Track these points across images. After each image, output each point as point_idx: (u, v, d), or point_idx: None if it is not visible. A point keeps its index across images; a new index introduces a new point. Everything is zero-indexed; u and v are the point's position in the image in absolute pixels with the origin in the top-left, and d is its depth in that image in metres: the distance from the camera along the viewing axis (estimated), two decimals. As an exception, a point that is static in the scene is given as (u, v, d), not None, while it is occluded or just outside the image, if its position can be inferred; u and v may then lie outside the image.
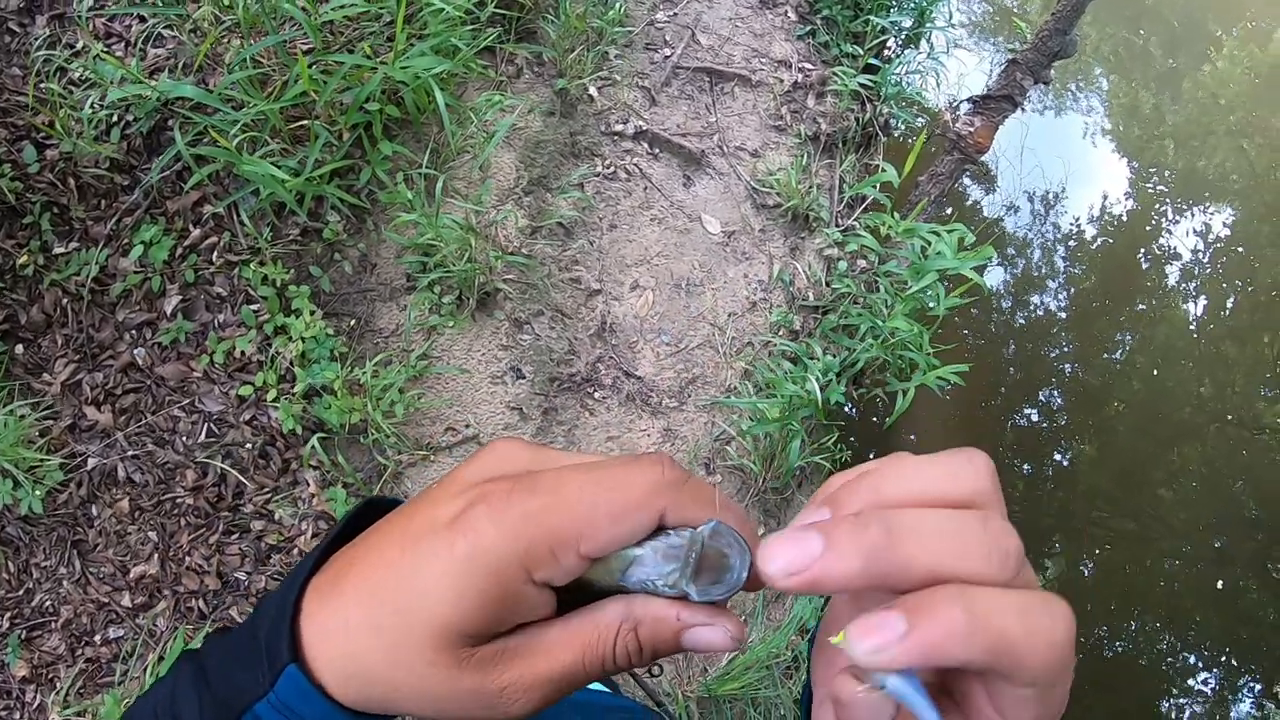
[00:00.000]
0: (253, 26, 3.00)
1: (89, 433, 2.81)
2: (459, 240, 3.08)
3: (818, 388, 3.14)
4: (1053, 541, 5.05)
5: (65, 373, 2.80)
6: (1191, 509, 5.32)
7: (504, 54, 3.66)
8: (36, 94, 2.91)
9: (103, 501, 2.78)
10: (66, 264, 2.85)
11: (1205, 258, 6.49)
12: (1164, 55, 8.02)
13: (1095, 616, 4.83)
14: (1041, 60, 3.68)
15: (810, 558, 0.38)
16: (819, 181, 3.90)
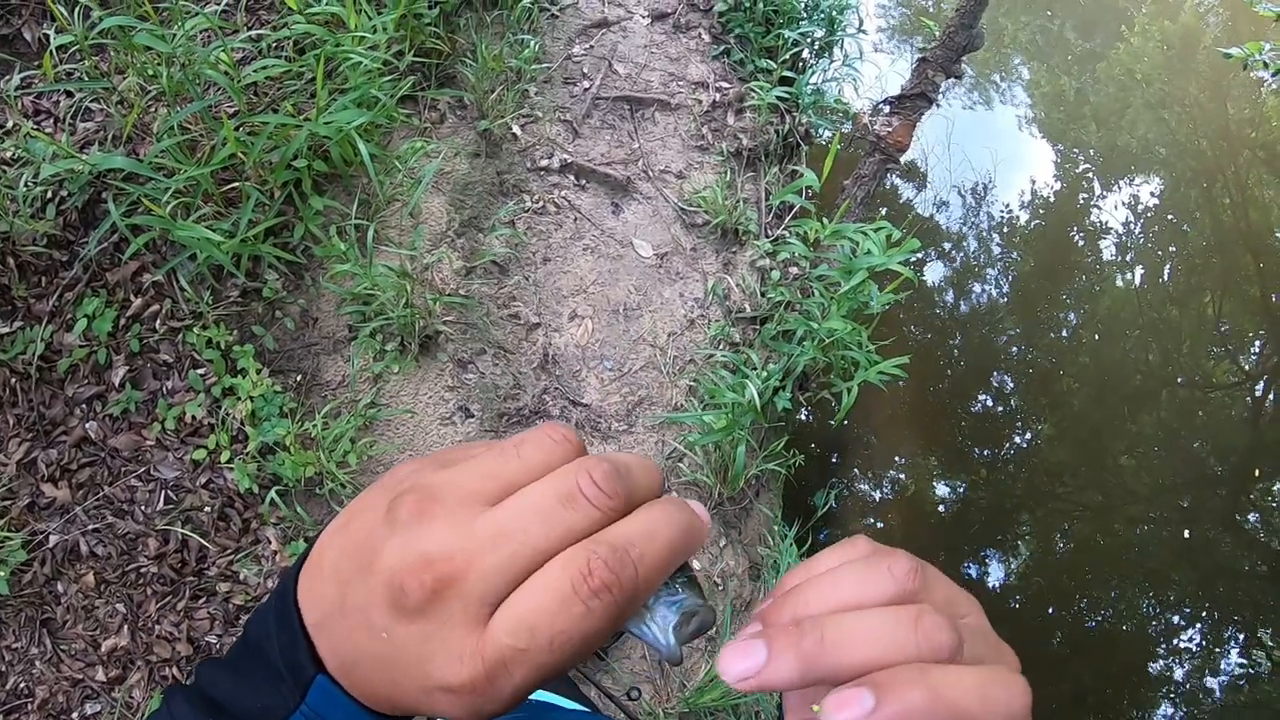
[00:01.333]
0: (177, 94, 3.13)
1: (48, 510, 2.89)
2: (395, 287, 3.21)
3: (755, 393, 3.30)
4: (1021, 522, 5.23)
5: (19, 452, 2.88)
6: (1154, 473, 5.56)
7: (426, 101, 3.82)
8: (-33, 177, 3.03)
9: (68, 577, 2.84)
10: (12, 343, 2.94)
11: (1137, 228, 6.84)
12: (1079, 38, 8.45)
13: (1073, 590, 5.01)
14: (951, 56, 3.93)
15: (756, 666, 0.45)
16: (745, 196, 4.09)
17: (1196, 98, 8.16)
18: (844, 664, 0.44)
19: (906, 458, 5.14)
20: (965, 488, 5.18)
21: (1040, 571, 5.02)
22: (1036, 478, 5.41)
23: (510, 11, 4.06)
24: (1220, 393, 6.07)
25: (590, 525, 0.47)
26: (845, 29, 4.68)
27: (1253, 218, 7.29)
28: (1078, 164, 7.29)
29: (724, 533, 3.57)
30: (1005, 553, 5.00)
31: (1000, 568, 4.96)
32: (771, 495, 3.89)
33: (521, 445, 0.51)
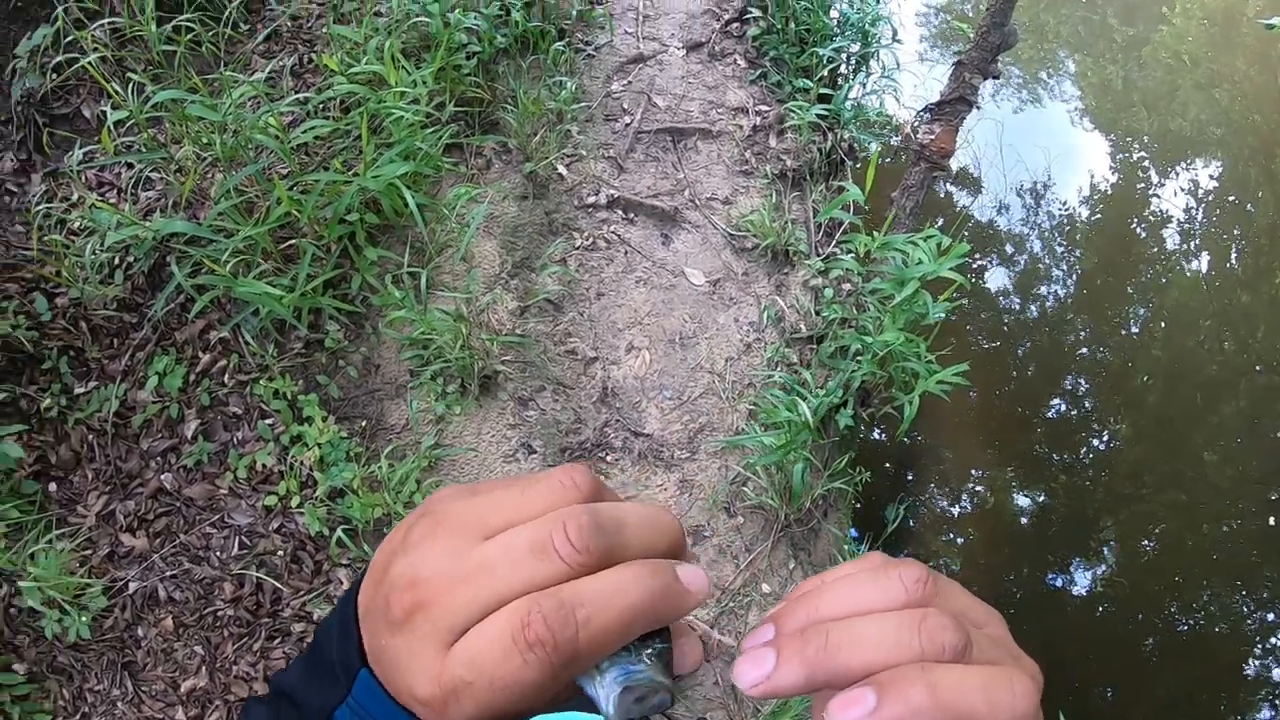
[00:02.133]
0: (231, 159, 3.35)
1: (127, 558, 3.06)
2: (452, 330, 3.34)
3: (808, 411, 3.35)
4: (1104, 527, 5.06)
5: (98, 504, 3.08)
6: (1238, 466, 5.35)
7: (470, 148, 3.99)
8: (41, 247, 3.26)
9: (147, 622, 3.00)
10: (88, 402, 3.17)
11: (1199, 213, 6.67)
12: (1122, 24, 8.30)
13: (1161, 594, 4.83)
14: (986, 57, 3.95)
15: (766, 672, 0.47)
16: (793, 216, 4.15)
17: (1246, 73, 7.95)
18: (849, 667, 0.45)
19: (980, 469, 5.05)
20: (1043, 496, 5.05)
21: (1126, 577, 4.83)
22: (1116, 480, 5.25)
23: (546, 55, 4.24)
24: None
25: (552, 577, 0.48)
26: (879, 41, 4.73)
27: None
28: (1132, 153, 7.14)
29: (792, 555, 3.58)
30: (1089, 560, 4.85)
31: (1085, 576, 4.80)
32: (840, 514, 3.88)
33: (534, 485, 0.53)
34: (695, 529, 3.47)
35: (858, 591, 0.49)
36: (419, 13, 3.81)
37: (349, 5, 4.09)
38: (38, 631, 2.89)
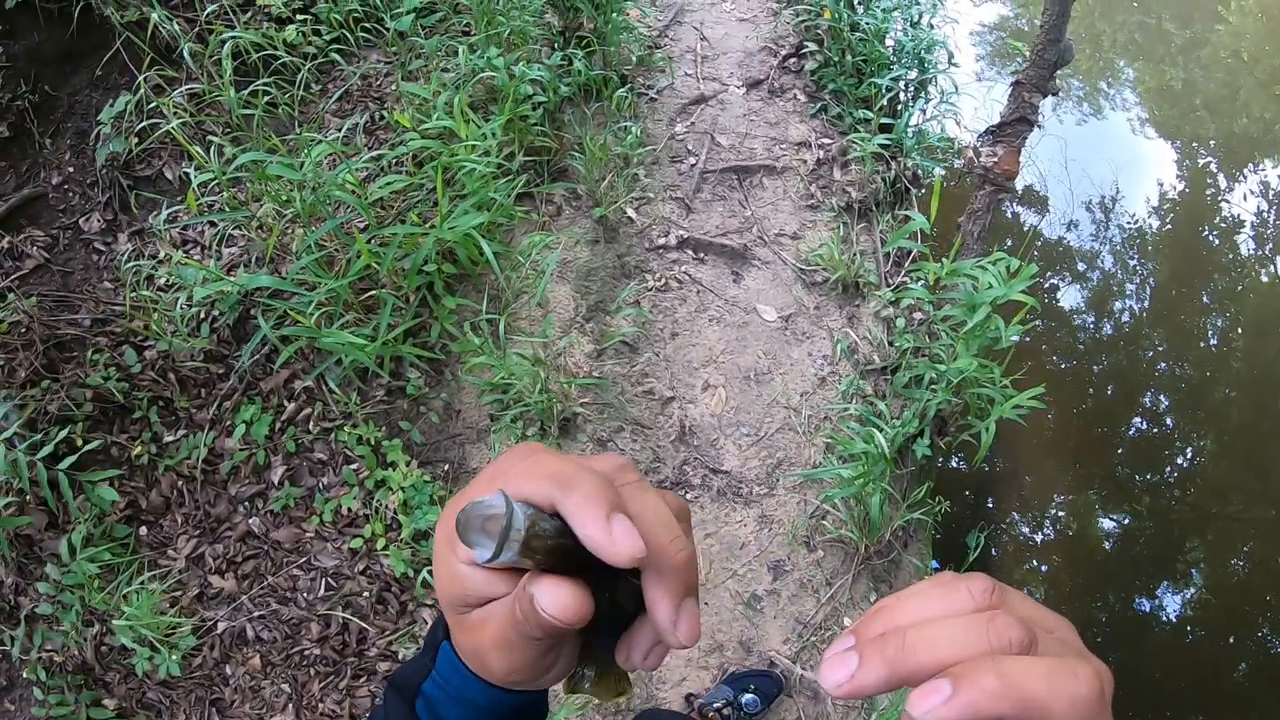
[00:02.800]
0: (311, 215, 3.51)
1: (216, 599, 3.20)
2: (530, 374, 3.44)
3: (884, 441, 3.36)
4: (1191, 548, 4.95)
5: (188, 547, 3.23)
6: None
7: (541, 196, 4.12)
8: (130, 302, 3.46)
9: (235, 660, 3.13)
10: (177, 450, 3.34)
11: (1272, 215, 6.55)
12: (1178, 28, 8.20)
13: (1254, 615, 4.68)
14: (1044, 74, 3.97)
15: (850, 672, 0.52)
16: (861, 248, 4.20)
17: None
18: (924, 663, 0.50)
19: (1061, 493, 4.97)
20: (1127, 518, 4.95)
21: (1217, 598, 4.70)
22: (1202, 499, 5.13)
23: (609, 101, 4.37)
24: None
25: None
26: (936, 66, 4.78)
27: None
28: (1199, 159, 7.03)
29: (874, 587, 3.59)
30: (1177, 583, 4.74)
31: (1174, 600, 4.69)
32: (920, 545, 3.87)
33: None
34: (775, 564, 3.50)
35: (929, 602, 0.54)
36: (484, 67, 3.96)
37: (416, 63, 4.28)
38: (128, 669, 3.03)
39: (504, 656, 0.62)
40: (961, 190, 4.99)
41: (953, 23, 5.45)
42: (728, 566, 3.46)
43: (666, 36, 5.17)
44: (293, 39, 4.14)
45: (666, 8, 5.38)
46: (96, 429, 3.31)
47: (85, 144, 3.95)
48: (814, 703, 3.26)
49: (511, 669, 0.63)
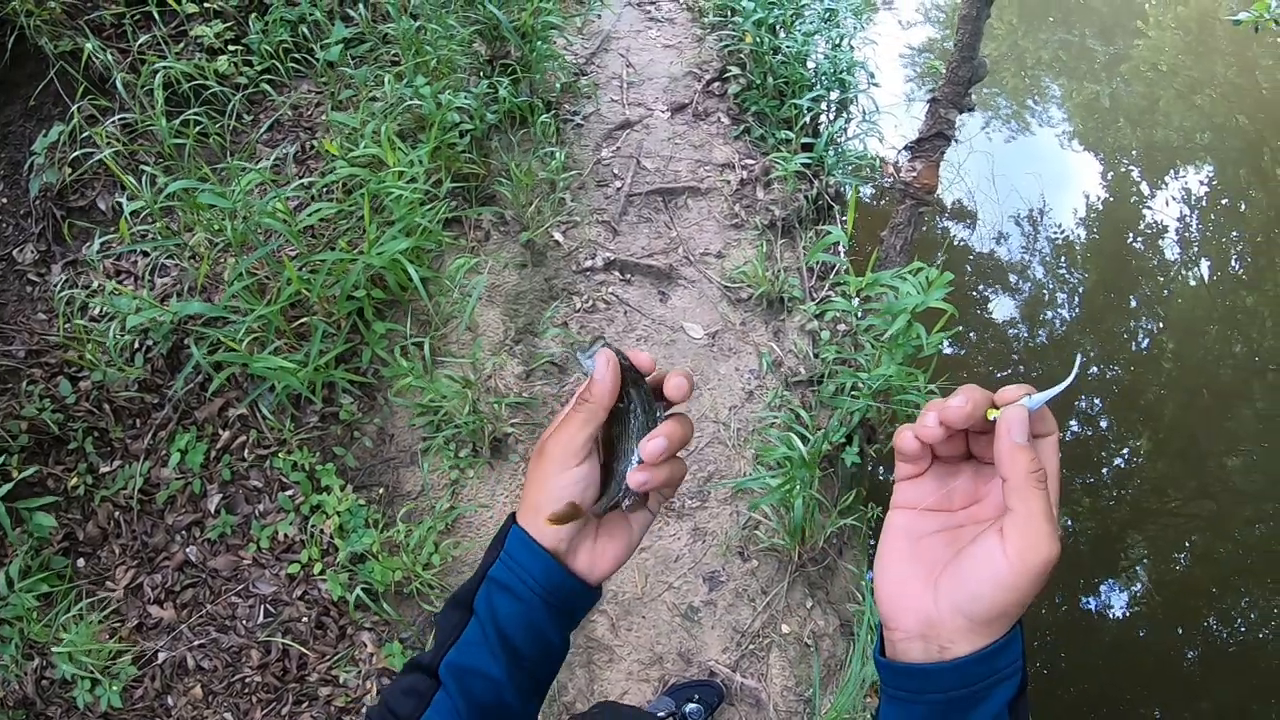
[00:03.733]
0: (242, 243, 3.58)
1: (155, 629, 3.21)
2: (460, 395, 3.54)
3: (802, 446, 3.50)
4: (1134, 545, 5.11)
5: (126, 578, 3.25)
6: (1263, 469, 5.41)
7: (469, 221, 4.24)
8: (64, 333, 3.50)
9: (177, 690, 3.13)
10: (113, 481, 3.37)
11: (1194, 220, 6.85)
12: (1101, 44, 8.62)
13: (1200, 606, 4.85)
14: (959, 91, 4.17)
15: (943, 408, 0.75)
16: (785, 264, 4.35)
17: (1225, 76, 8.22)
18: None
19: None
20: (1068, 520, 5.10)
21: (1162, 593, 4.88)
22: (1142, 497, 5.32)
23: (535, 128, 4.50)
24: None
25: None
26: (856, 87, 4.97)
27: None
28: (1122, 169, 7.37)
29: (809, 594, 3.68)
30: (1123, 581, 4.92)
31: (1121, 597, 4.87)
32: (855, 552, 3.98)
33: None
34: (711, 575, 3.59)
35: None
36: (412, 96, 4.08)
37: (345, 93, 4.38)
38: (69, 701, 3.04)
39: (564, 469, 0.89)
40: (885, 206, 5.19)
41: (872, 44, 5.68)
42: (664, 579, 3.54)
43: (593, 63, 5.34)
44: (224, 69, 4.23)
45: (593, 35, 5.56)
46: (32, 460, 3.33)
47: (19, 174, 3.99)
48: (756, 710, 3.35)
49: (566, 482, 0.89)
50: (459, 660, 0.87)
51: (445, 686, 0.87)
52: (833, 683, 3.47)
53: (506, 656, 0.87)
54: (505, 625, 0.88)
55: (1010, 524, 0.70)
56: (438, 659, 0.88)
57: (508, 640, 0.87)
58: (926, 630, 0.75)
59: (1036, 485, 0.70)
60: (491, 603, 0.88)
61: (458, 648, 0.88)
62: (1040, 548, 0.68)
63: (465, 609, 0.89)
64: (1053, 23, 8.95)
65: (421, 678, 0.89)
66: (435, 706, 0.87)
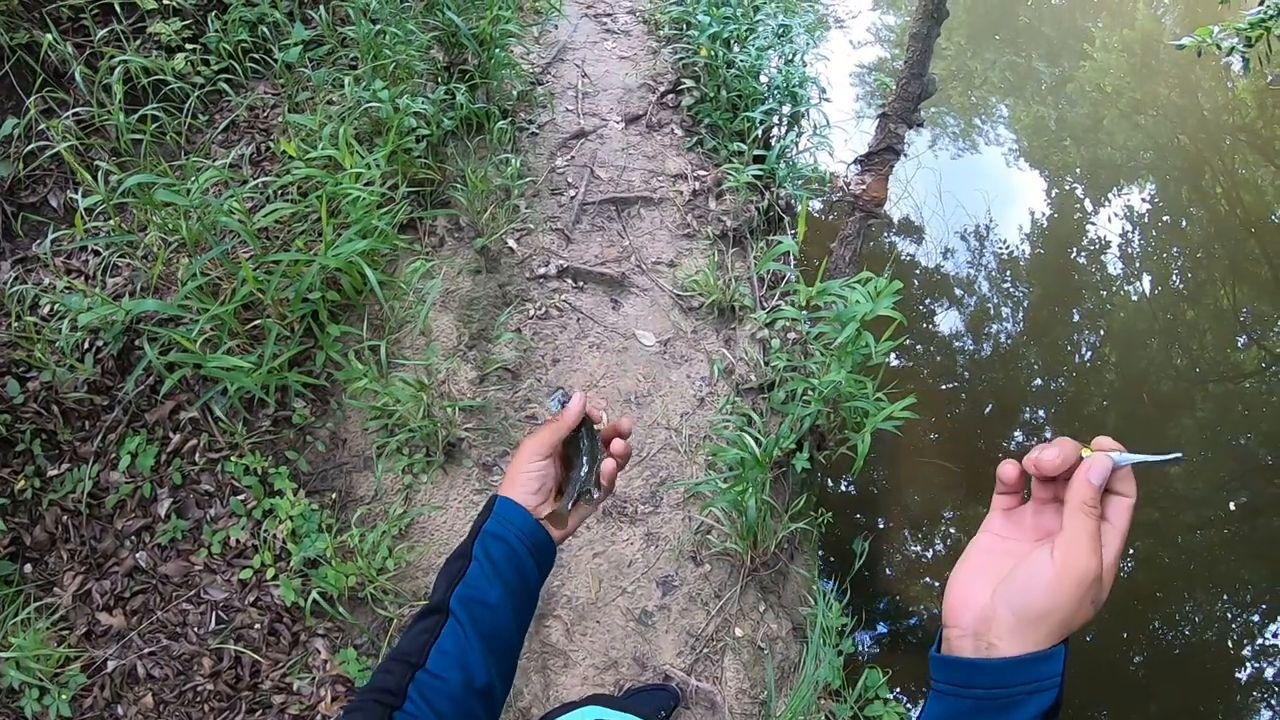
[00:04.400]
0: (197, 243, 3.57)
1: (105, 636, 3.16)
2: (414, 399, 3.56)
3: (755, 446, 3.58)
4: None
5: (75, 584, 3.19)
6: (1205, 477, 5.56)
7: (424, 226, 4.26)
8: (13, 331, 3.44)
9: (127, 700, 3.09)
10: (61, 484, 3.31)
11: (1136, 237, 7.09)
12: (1047, 65, 8.94)
13: (1145, 611, 4.97)
14: (908, 106, 4.30)
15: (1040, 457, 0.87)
16: (736, 274, 4.45)
17: (1168, 97, 8.54)
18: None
19: (949, 509, 5.21)
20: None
21: (1108, 600, 4.86)
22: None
23: (491, 135, 4.55)
24: (1253, 380, 6.16)
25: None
26: (808, 101, 5.09)
27: (1247, 201, 7.53)
28: (1067, 187, 7.61)
29: (762, 598, 3.76)
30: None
31: None
32: (806, 556, 4.07)
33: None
34: (664, 579, 3.64)
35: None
36: (370, 100, 4.10)
37: (303, 95, 4.40)
38: (17, 711, 2.99)
39: (532, 461, 1.21)
40: (835, 219, 5.30)
41: (824, 61, 5.80)
42: (617, 584, 3.59)
43: (549, 73, 5.40)
44: (181, 68, 4.20)
45: (549, 45, 5.63)
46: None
47: (-30, 169, 3.93)
48: (711, 713, 3.39)
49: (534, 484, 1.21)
50: (465, 593, 1.10)
51: (455, 615, 1.08)
52: (786, 685, 3.53)
53: (501, 586, 1.12)
54: (499, 563, 1.13)
55: (1060, 538, 0.82)
56: (447, 596, 1.10)
57: (501, 574, 1.13)
58: (980, 627, 0.85)
59: (1087, 512, 0.82)
60: (486, 548, 1.14)
61: (464, 584, 1.11)
62: (1080, 559, 0.80)
63: (465, 558, 1.14)
64: (1000, 43, 9.22)
65: (430, 620, 1.09)
66: (444, 635, 1.07)
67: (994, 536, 0.93)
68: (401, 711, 1.00)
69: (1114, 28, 9.59)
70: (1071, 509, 0.82)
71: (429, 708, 1.01)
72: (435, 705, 1.02)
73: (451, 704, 1.03)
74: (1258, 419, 5.96)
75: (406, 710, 1.00)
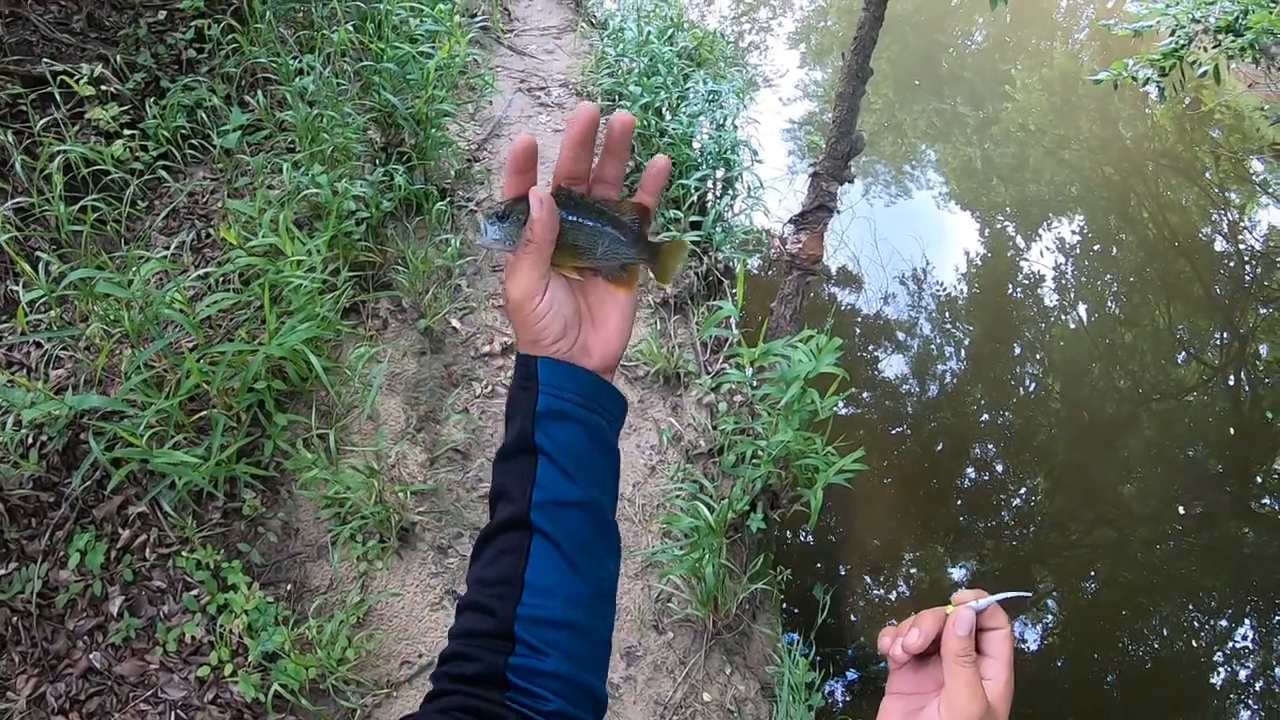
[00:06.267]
0: (140, 334, 3.59)
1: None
2: (365, 485, 3.59)
3: (708, 514, 3.66)
4: (1041, 580, 5.35)
5: (28, 688, 3.11)
6: (1158, 492, 5.79)
7: (368, 310, 4.33)
8: (-48, 429, 3.36)
9: None
10: (10, 584, 3.25)
11: (1069, 268, 7.44)
12: (972, 110, 9.38)
13: (1112, 630, 5.11)
14: (838, 164, 4.43)
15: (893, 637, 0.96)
16: (679, 341, 4.55)
17: (1090, 130, 9.02)
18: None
19: (910, 550, 5.37)
20: (975, 563, 5.37)
21: (1075, 623, 5.16)
22: (1043, 533, 5.63)
23: (430, 215, 4.66)
24: (1196, 394, 6.43)
25: None
26: (741, 165, 5.28)
27: (1174, 222, 7.94)
28: (998, 225, 7.94)
29: (727, 660, 3.81)
30: (1033, 616, 5.18)
31: (1034, 632, 5.12)
32: (769, 615, 4.14)
33: None
34: (628, 650, 3.68)
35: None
36: (309, 184, 4.18)
37: (242, 180, 4.45)
38: (-30, 826, 2.96)
39: (533, 308, 0.92)
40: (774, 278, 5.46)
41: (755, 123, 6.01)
42: (579, 658, 3.63)
43: (485, 149, 5.54)
44: (120, 154, 4.24)
45: (485, 121, 5.78)
46: (-79, 563, 3.20)
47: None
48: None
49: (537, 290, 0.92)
50: (545, 499, 0.90)
51: (540, 530, 0.89)
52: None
53: (585, 476, 0.92)
54: (573, 447, 0.92)
55: (944, 692, 0.92)
56: (524, 509, 0.90)
57: (580, 460, 0.92)
58: None
59: (962, 664, 0.91)
60: (551, 435, 0.91)
61: (539, 489, 0.90)
62: (962, 708, 0.90)
63: (527, 453, 0.92)
64: (925, 91, 9.61)
65: (510, 535, 0.91)
66: (536, 556, 0.89)
67: (896, 697, 1.00)
68: (515, 655, 0.86)
69: (1033, 68, 10.08)
70: (948, 664, 0.92)
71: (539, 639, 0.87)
72: (545, 636, 0.88)
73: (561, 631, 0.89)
74: (1204, 430, 6.22)
75: (518, 652, 0.86)
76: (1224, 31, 5.25)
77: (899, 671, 1.01)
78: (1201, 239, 7.85)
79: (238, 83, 4.87)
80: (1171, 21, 5.34)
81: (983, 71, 10.27)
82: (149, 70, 4.76)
